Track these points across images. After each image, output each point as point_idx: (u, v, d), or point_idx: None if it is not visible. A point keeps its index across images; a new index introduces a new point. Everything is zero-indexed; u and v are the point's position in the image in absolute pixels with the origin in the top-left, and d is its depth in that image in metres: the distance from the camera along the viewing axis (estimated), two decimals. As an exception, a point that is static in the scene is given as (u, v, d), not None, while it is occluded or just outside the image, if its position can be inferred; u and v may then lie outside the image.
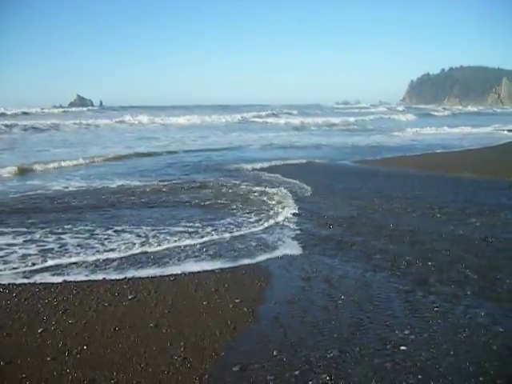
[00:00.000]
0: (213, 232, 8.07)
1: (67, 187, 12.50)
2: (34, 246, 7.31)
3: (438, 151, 21.60)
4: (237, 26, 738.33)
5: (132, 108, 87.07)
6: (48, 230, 8.16)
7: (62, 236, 7.80)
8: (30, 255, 6.86)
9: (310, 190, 11.90)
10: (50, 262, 6.61)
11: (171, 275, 6.16)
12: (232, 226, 8.43)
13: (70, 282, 5.97)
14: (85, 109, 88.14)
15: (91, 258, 6.76)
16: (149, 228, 8.30)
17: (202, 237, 7.78)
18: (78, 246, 7.31)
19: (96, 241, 7.57)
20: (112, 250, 7.13)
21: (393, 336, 4.56)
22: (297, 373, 3.97)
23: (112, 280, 6.03)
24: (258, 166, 16.37)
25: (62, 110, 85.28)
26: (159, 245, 7.35)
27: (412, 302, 5.34)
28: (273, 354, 4.26)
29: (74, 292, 5.66)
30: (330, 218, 9.07)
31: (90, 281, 6.01)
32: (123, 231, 8.13)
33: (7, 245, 7.32)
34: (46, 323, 4.90)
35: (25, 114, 58.37)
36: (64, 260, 6.71)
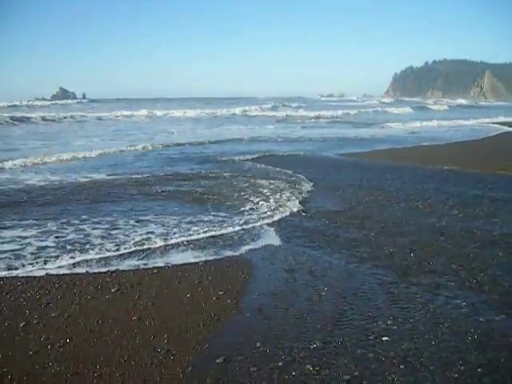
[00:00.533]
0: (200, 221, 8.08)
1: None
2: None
3: (425, 144, 21.69)
4: (223, 20, 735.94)
5: (120, 101, 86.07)
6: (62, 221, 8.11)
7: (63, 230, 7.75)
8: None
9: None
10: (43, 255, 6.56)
11: (154, 268, 6.15)
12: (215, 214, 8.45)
13: (53, 275, 5.93)
14: (74, 101, 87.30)
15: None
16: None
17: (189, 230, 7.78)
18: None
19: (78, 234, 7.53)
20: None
21: (375, 327, 4.59)
22: (280, 364, 3.98)
23: (95, 273, 6.00)
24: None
25: (51, 102, 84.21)
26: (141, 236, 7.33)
27: (394, 293, 5.37)
28: (256, 346, 4.27)
29: (57, 285, 5.62)
30: (314, 209, 9.11)
31: (72, 274, 5.97)
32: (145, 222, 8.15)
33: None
34: (29, 317, 4.86)
35: (14, 106, 57.85)
36: (47, 254, 6.65)
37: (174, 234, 7.55)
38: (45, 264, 6.26)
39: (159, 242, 7.11)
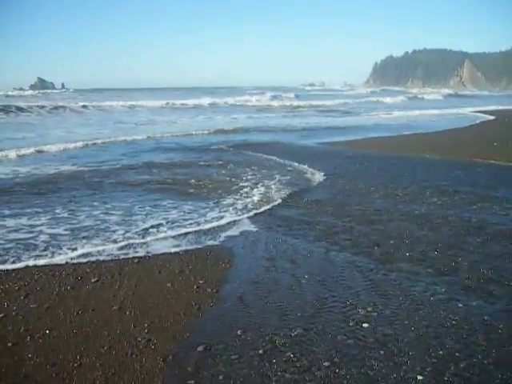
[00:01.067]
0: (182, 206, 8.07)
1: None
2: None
3: (406, 133, 21.81)
4: (210, 13, 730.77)
5: (102, 91, 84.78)
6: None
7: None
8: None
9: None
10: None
11: (135, 257, 6.13)
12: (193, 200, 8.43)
13: (32, 266, 5.87)
14: (55, 91, 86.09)
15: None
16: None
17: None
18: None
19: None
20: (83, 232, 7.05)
21: (355, 314, 4.63)
22: (261, 351, 4.00)
23: (75, 264, 5.96)
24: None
25: (36, 92, 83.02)
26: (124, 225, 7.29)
27: (374, 280, 5.42)
28: (237, 334, 4.28)
29: (36, 277, 5.58)
30: (294, 198, 9.13)
31: (52, 265, 5.92)
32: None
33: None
34: (7, 309, 4.82)
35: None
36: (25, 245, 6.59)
37: (157, 223, 7.53)
38: (23, 255, 6.20)
39: (140, 232, 7.08)
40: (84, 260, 6.08)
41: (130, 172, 12.09)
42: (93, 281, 5.47)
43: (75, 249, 6.42)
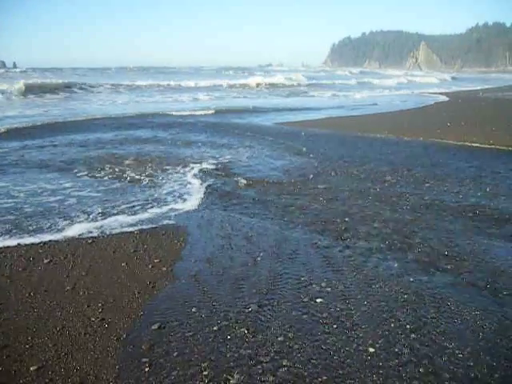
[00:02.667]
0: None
1: None
2: None
3: (364, 113, 22.03)
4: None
5: (58, 71, 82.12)
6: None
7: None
8: None
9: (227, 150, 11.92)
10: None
11: (89, 238, 6.04)
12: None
13: (-19, 248, 5.73)
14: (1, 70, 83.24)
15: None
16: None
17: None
18: None
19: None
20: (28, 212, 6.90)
21: (310, 289, 4.68)
22: (215, 328, 4.01)
23: (27, 245, 5.84)
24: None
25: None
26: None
27: (329, 256, 5.48)
28: (192, 312, 4.28)
29: (-14, 259, 5.45)
30: (249, 176, 9.14)
31: (3, 247, 5.77)
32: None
33: None
34: (-45, 291, 4.70)
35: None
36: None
37: (110, 202, 7.44)
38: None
39: (94, 212, 6.98)
40: (36, 241, 5.96)
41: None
42: (45, 262, 5.37)
43: (28, 231, 6.28)
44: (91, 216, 6.83)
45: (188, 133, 15.24)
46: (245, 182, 8.72)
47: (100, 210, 7.07)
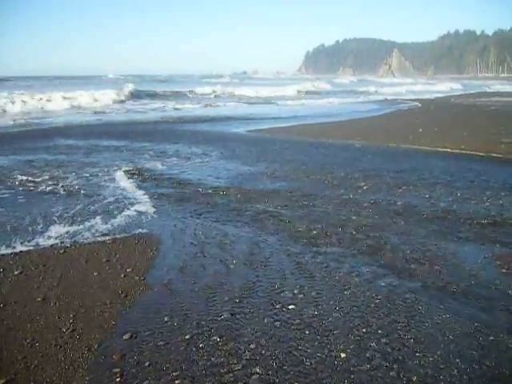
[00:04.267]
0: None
1: None
2: None
3: (335, 120, 22.21)
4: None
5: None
6: None
7: None
8: None
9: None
10: None
11: (61, 248, 5.98)
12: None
13: (-50, 260, 5.64)
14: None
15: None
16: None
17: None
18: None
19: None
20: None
21: (282, 296, 4.69)
22: (187, 337, 3.99)
23: (-3, 256, 5.76)
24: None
25: None
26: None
27: (301, 263, 5.50)
28: (164, 320, 4.26)
29: (-46, 271, 5.36)
30: (222, 185, 9.15)
31: (-28, 259, 5.69)
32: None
33: None
34: None
35: None
36: None
37: (81, 208, 7.37)
38: None
39: (66, 221, 6.91)
40: (7, 252, 5.88)
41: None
42: (16, 273, 5.30)
43: (-1, 241, 6.19)
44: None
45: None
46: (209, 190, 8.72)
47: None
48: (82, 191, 8.76)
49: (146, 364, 3.65)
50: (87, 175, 10.14)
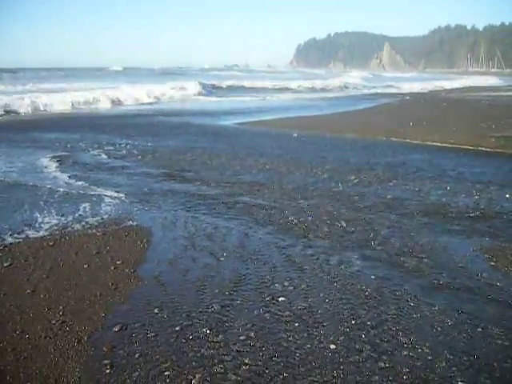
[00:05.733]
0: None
1: None
2: None
3: (325, 112, 22.26)
4: None
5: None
6: None
7: None
8: None
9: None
10: None
11: (50, 240, 5.96)
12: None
13: None
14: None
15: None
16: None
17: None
18: None
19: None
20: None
21: (272, 288, 4.71)
22: (177, 328, 4.00)
23: (-14, 248, 5.73)
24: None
25: None
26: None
27: (292, 255, 5.52)
28: (154, 312, 4.26)
29: None
30: (213, 178, 9.16)
31: (-40, 250, 5.66)
32: None
33: None
34: None
35: None
36: None
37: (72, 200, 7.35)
38: None
39: (54, 212, 6.90)
40: (-4, 244, 5.86)
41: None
42: (5, 265, 5.27)
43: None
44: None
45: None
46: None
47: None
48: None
49: (136, 356, 3.65)
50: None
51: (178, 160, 10.88)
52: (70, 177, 9.23)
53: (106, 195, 7.89)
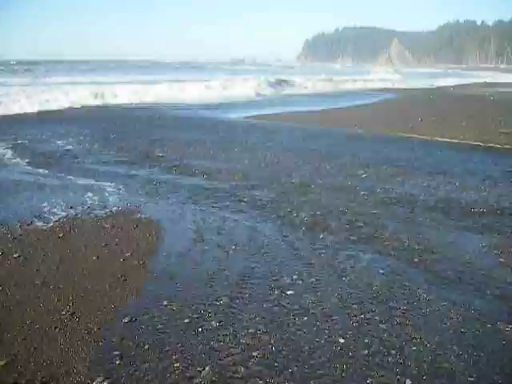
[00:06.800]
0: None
1: None
2: None
3: (333, 107, 22.22)
4: None
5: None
6: None
7: None
8: None
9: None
10: None
11: (60, 232, 5.98)
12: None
13: (-51, 241, 5.64)
14: None
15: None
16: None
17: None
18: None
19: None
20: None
21: (281, 282, 4.72)
22: (186, 321, 4.02)
23: (-5, 239, 5.77)
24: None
25: None
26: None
27: (301, 249, 5.52)
28: (163, 305, 4.28)
29: (-46, 253, 5.36)
30: (220, 169, 9.17)
31: (-30, 241, 5.70)
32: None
33: None
34: None
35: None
36: None
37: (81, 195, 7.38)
38: None
39: (63, 205, 6.93)
40: (6, 236, 5.87)
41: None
42: (15, 256, 5.31)
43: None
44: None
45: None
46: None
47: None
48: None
49: (146, 347, 3.67)
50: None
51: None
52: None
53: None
